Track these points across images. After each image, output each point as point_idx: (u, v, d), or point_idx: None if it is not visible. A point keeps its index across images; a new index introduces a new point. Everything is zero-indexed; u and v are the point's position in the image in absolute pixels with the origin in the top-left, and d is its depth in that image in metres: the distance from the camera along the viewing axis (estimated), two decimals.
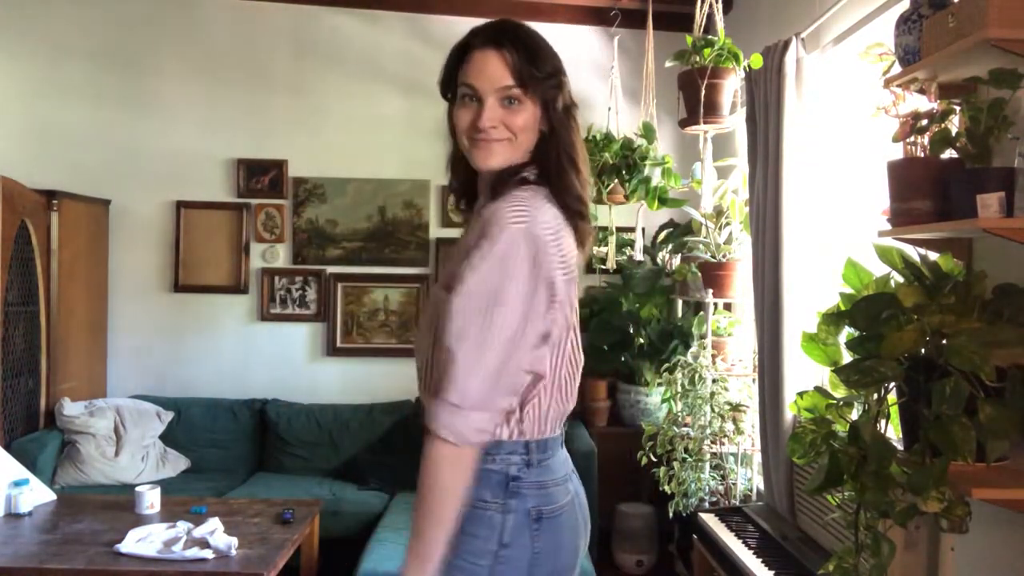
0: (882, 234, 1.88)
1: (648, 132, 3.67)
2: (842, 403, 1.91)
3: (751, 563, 2.55)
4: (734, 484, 3.32)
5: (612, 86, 4.06)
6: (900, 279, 1.83)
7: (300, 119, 4.60)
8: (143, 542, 2.72)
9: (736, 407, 3.31)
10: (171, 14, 4.58)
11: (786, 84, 2.74)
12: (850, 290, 1.94)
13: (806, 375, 2.68)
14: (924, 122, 1.78)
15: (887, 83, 1.87)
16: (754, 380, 3.28)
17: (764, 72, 2.89)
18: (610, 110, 4.00)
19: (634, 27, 4.24)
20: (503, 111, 1.32)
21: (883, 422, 1.75)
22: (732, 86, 3.22)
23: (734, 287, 3.46)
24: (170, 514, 3.05)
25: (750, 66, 2.99)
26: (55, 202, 4.05)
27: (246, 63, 4.59)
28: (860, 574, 1.78)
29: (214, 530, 2.79)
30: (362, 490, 3.97)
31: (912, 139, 1.81)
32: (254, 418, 4.39)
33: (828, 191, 2.78)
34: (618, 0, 4.22)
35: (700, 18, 3.30)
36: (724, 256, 3.48)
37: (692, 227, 3.89)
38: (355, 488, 4.00)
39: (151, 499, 3.09)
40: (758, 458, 3.19)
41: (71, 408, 4.02)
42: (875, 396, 1.75)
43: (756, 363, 3.14)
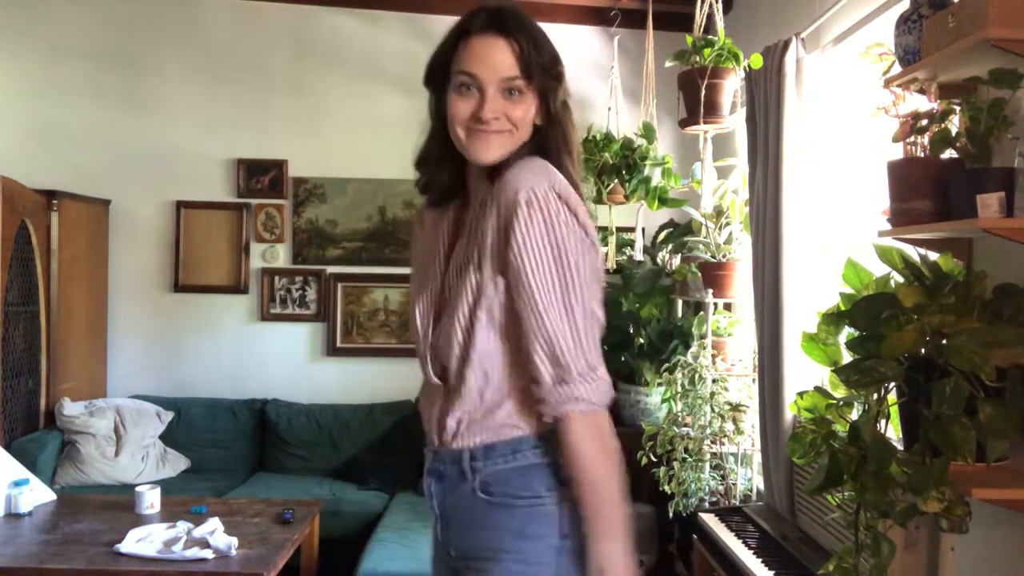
0: (882, 234, 1.88)
1: (648, 132, 3.66)
2: (842, 403, 1.91)
3: (751, 563, 2.55)
4: (734, 484, 3.32)
5: (612, 86, 4.06)
6: (900, 279, 1.83)
7: (300, 119, 4.60)
8: (143, 542, 2.72)
9: (736, 407, 3.31)
10: (171, 14, 4.58)
11: (786, 84, 2.74)
12: (850, 290, 1.94)
13: (806, 375, 2.67)
14: (924, 122, 1.78)
15: (887, 83, 1.87)
16: (754, 380, 3.28)
17: (764, 72, 2.89)
18: (610, 110, 4.00)
19: (634, 27, 4.23)
20: (504, 102, 1.26)
21: (883, 422, 1.75)
22: (732, 86, 3.22)
23: (734, 287, 3.46)
24: (170, 514, 3.05)
25: (750, 66, 2.99)
26: (55, 202, 4.05)
27: (246, 63, 4.59)
28: (860, 574, 1.78)
29: (214, 530, 2.79)
30: (362, 490, 3.98)
31: (912, 139, 1.81)
32: (254, 418, 4.39)
33: (828, 191, 2.77)
34: (618, 0, 4.22)
35: (700, 18, 3.30)
36: (724, 256, 3.48)
37: (692, 227, 3.88)
38: (355, 488, 4.00)
39: (151, 499, 3.09)
40: (758, 458, 3.19)
41: (71, 408, 4.02)
42: (875, 396, 1.75)
43: (756, 363, 3.14)
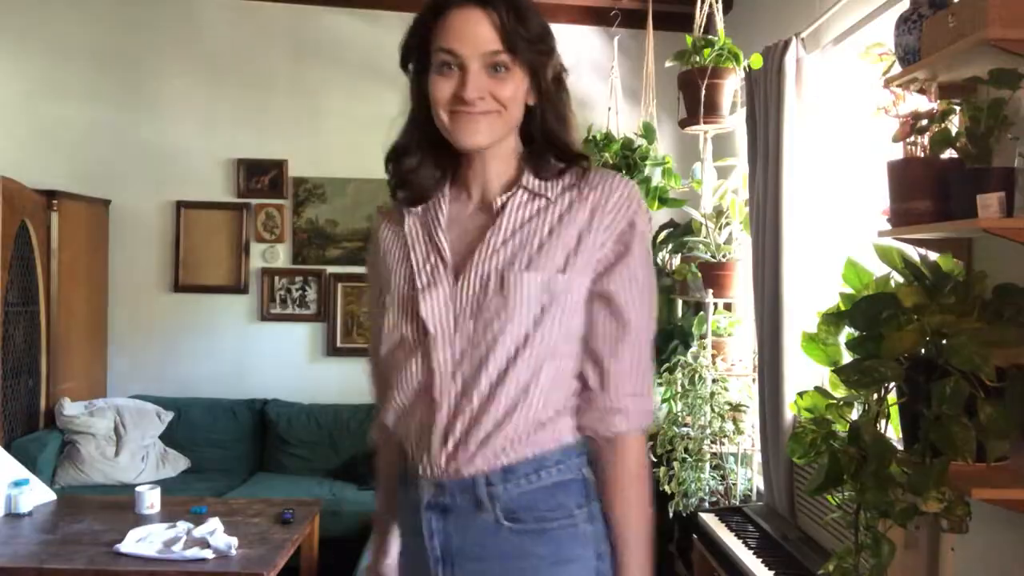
0: (882, 234, 1.88)
1: (648, 132, 3.67)
2: (842, 403, 1.91)
3: (751, 563, 2.55)
4: (734, 484, 3.32)
5: (612, 86, 4.06)
6: (900, 279, 1.83)
7: (300, 119, 4.60)
8: (143, 542, 2.72)
9: (736, 407, 3.31)
10: (171, 14, 4.58)
11: (786, 84, 2.74)
12: (850, 290, 1.94)
13: (806, 375, 2.67)
14: (924, 122, 1.78)
15: (887, 83, 1.87)
16: (754, 380, 3.28)
17: (764, 72, 2.89)
18: (610, 110, 4.00)
19: (634, 27, 4.23)
20: (489, 80, 1.13)
21: (883, 422, 1.75)
22: (732, 86, 3.21)
23: (734, 287, 3.45)
24: (170, 514, 3.05)
25: (750, 66, 2.99)
26: (55, 202, 4.05)
27: (246, 63, 4.59)
28: (860, 574, 1.78)
29: (214, 530, 2.79)
30: (362, 490, 3.97)
31: (912, 139, 1.81)
32: (254, 418, 4.39)
33: (828, 191, 2.77)
34: (618, 0, 4.22)
35: (700, 18, 3.30)
36: (724, 256, 3.48)
37: (692, 227, 3.88)
38: (355, 488, 4.00)
39: (151, 499, 3.09)
40: (758, 458, 3.19)
41: (71, 408, 4.02)
42: (875, 396, 1.75)
43: (756, 363, 3.14)
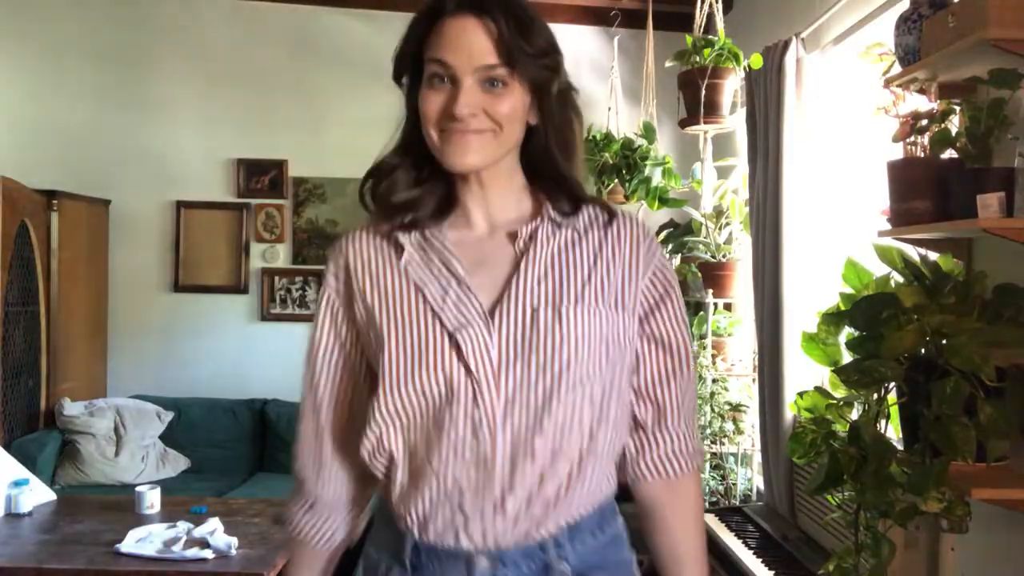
0: (882, 234, 1.88)
1: (648, 132, 3.67)
2: (842, 403, 1.91)
3: (751, 563, 2.55)
4: (734, 484, 3.32)
5: (612, 86, 4.06)
6: (900, 279, 1.83)
7: (300, 119, 4.60)
8: (143, 542, 2.72)
9: (736, 407, 3.31)
10: (171, 14, 4.58)
11: (786, 84, 2.74)
12: (850, 290, 1.94)
13: (806, 375, 2.67)
14: (924, 122, 1.78)
15: (887, 83, 1.87)
16: (754, 380, 3.28)
17: (764, 72, 2.89)
18: (610, 110, 4.00)
19: (634, 27, 4.23)
20: (484, 95, 1.02)
21: (883, 422, 1.75)
22: (732, 86, 3.22)
23: (734, 287, 3.46)
24: (170, 514, 3.04)
25: (750, 66, 2.99)
26: (55, 202, 4.05)
27: (246, 63, 4.59)
28: (860, 574, 1.78)
29: (214, 530, 2.78)
30: None
31: (912, 139, 1.81)
32: (254, 418, 4.39)
33: (828, 191, 2.77)
34: (618, 0, 4.22)
35: (700, 18, 3.30)
36: (724, 256, 3.48)
37: (692, 227, 3.88)
38: None
39: (151, 499, 3.08)
40: (758, 458, 3.19)
41: (71, 408, 4.02)
42: (875, 396, 1.75)
43: (756, 363, 3.14)
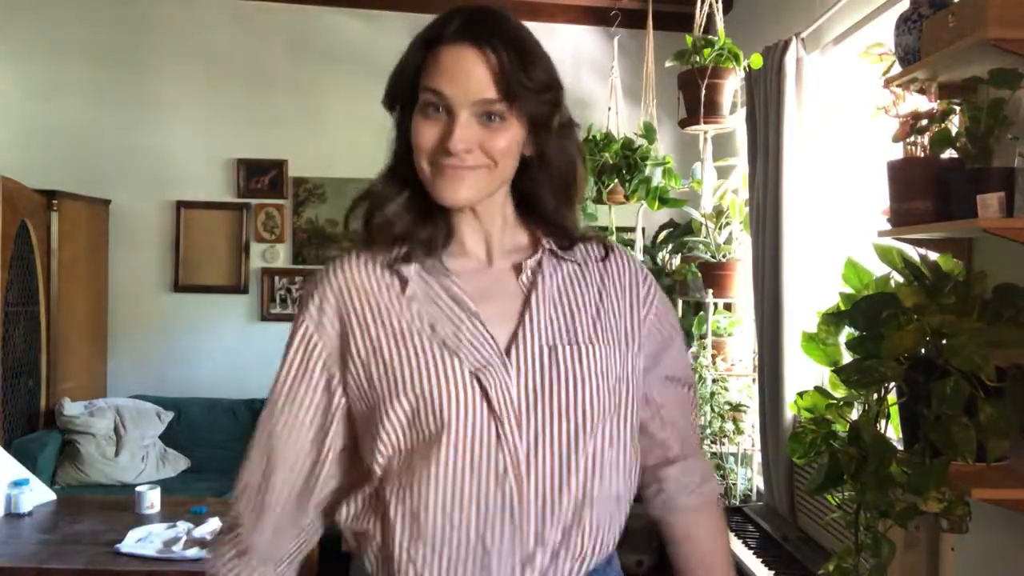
0: (882, 234, 1.88)
1: (648, 132, 3.67)
2: (842, 403, 1.91)
3: (751, 563, 2.55)
4: (734, 484, 3.32)
5: (612, 86, 4.06)
6: (900, 279, 1.83)
7: (300, 119, 4.60)
8: (143, 542, 2.72)
9: (736, 407, 3.31)
10: (171, 14, 4.58)
11: (786, 84, 2.74)
12: (850, 290, 1.94)
13: (806, 375, 2.67)
14: (924, 122, 1.78)
15: (887, 83, 1.87)
16: (754, 380, 3.28)
17: (764, 72, 2.89)
18: (610, 110, 4.00)
19: (634, 27, 4.23)
20: (480, 130, 0.97)
21: (883, 422, 1.75)
22: (732, 86, 3.21)
23: (734, 287, 3.46)
24: (170, 514, 3.04)
25: (750, 66, 2.99)
26: (55, 202, 4.05)
27: (246, 63, 4.59)
28: (860, 574, 1.78)
29: (214, 530, 2.79)
30: None
31: (912, 139, 1.81)
32: (254, 418, 4.33)
33: (828, 191, 2.78)
34: (618, 0, 4.22)
35: (700, 18, 3.30)
36: (724, 256, 3.48)
37: (692, 227, 3.88)
38: None
39: (151, 499, 3.08)
40: (758, 458, 3.19)
41: (71, 408, 4.02)
42: (875, 396, 1.75)
43: (756, 363, 3.14)
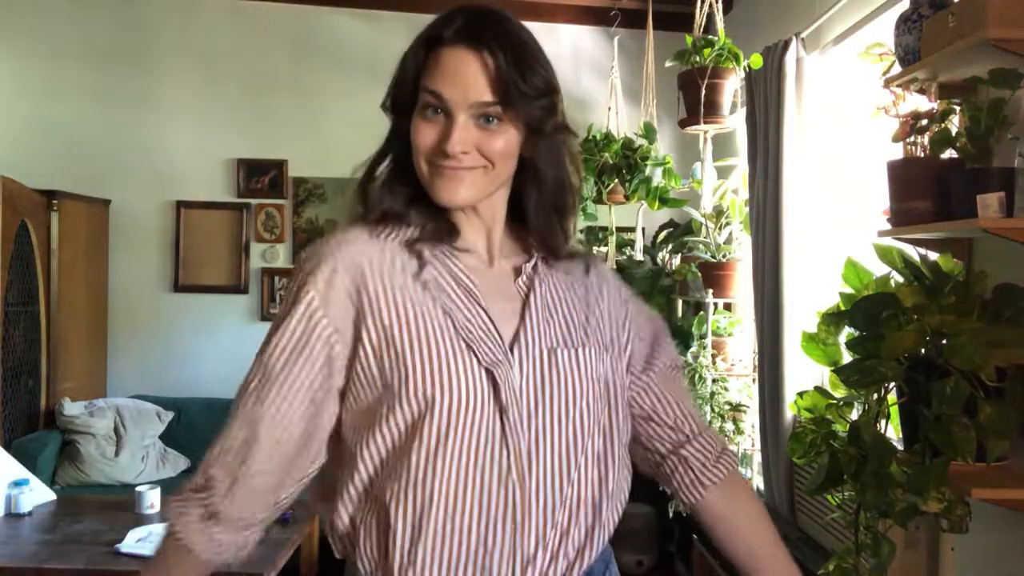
0: (882, 234, 1.88)
1: (648, 132, 3.67)
2: (842, 403, 1.91)
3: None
4: None
5: (612, 86, 4.06)
6: (900, 279, 1.83)
7: (300, 119, 4.60)
8: (143, 542, 2.72)
9: (736, 407, 3.31)
10: (171, 14, 4.58)
11: (786, 84, 2.74)
12: (850, 290, 1.94)
13: (806, 375, 2.67)
14: (924, 122, 1.78)
15: (887, 83, 1.87)
16: (754, 380, 3.28)
17: (764, 72, 2.89)
18: (610, 110, 4.00)
19: (634, 27, 4.23)
20: (478, 132, 0.98)
21: (883, 422, 1.75)
22: (732, 86, 3.22)
23: (734, 287, 3.46)
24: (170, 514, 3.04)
25: (750, 66, 2.99)
26: (55, 202, 4.05)
27: (246, 63, 4.59)
28: (860, 574, 1.78)
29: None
30: None
31: (912, 139, 1.81)
32: None
33: (828, 191, 2.78)
34: (618, 0, 4.22)
35: (700, 18, 3.30)
36: (724, 256, 3.48)
37: (692, 227, 3.88)
38: None
39: (151, 499, 3.08)
40: (758, 458, 3.19)
41: (71, 408, 4.02)
42: (875, 396, 1.75)
43: (756, 363, 3.14)
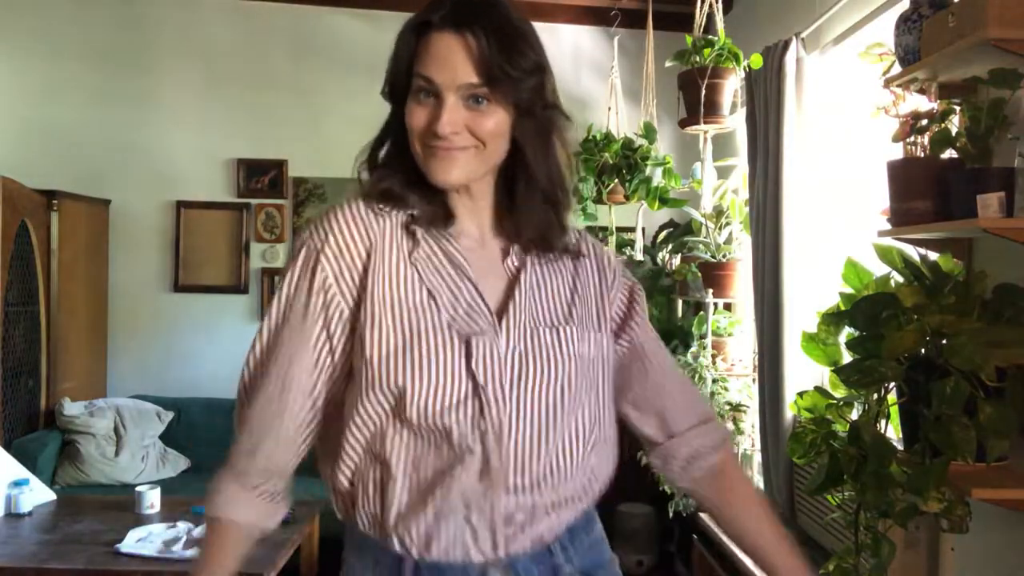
0: (882, 234, 1.88)
1: (649, 132, 3.67)
2: (842, 403, 1.91)
3: (751, 563, 2.55)
4: None
5: (612, 86, 4.06)
6: (900, 279, 1.83)
7: (300, 119, 4.60)
8: (143, 542, 2.72)
9: (736, 407, 3.31)
10: (171, 14, 4.58)
11: (786, 84, 2.74)
12: (850, 290, 1.94)
13: (806, 375, 2.67)
14: (924, 122, 1.78)
15: (887, 83, 1.87)
16: (754, 380, 3.28)
17: (764, 72, 2.89)
18: (610, 110, 4.00)
19: (634, 27, 4.23)
20: (467, 112, 1.01)
21: (883, 422, 1.75)
22: (732, 86, 3.22)
23: (734, 287, 3.46)
24: (170, 514, 3.04)
25: (750, 66, 2.99)
26: (55, 202, 4.05)
27: (246, 63, 4.59)
28: (860, 574, 1.78)
29: None
30: None
31: (912, 139, 1.81)
32: None
33: (828, 191, 2.78)
34: (618, 0, 4.22)
35: (700, 18, 3.30)
36: (724, 256, 3.48)
37: (692, 227, 3.88)
38: None
39: (151, 499, 3.08)
40: (758, 458, 3.19)
41: (71, 408, 4.02)
42: (875, 396, 1.75)
43: (756, 363, 3.14)
